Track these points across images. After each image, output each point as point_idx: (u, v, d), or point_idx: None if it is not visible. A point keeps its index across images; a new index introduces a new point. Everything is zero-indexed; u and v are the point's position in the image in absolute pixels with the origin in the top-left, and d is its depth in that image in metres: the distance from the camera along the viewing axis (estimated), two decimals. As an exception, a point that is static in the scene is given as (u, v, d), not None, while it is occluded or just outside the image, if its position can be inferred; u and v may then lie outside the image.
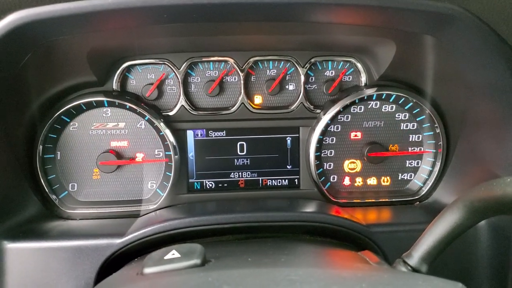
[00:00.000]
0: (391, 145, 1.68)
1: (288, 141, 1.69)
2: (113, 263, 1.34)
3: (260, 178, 1.70)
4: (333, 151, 1.69)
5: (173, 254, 0.99)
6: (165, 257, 0.98)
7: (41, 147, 1.55)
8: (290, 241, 1.36)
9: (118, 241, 1.33)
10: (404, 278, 0.95)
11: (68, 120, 1.59)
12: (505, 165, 1.35)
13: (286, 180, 1.71)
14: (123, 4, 1.02)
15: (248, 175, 1.70)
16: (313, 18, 1.19)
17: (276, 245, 1.29)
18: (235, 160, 1.68)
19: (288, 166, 1.70)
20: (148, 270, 0.96)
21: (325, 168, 1.69)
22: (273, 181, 1.71)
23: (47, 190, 1.57)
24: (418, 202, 1.68)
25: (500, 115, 1.34)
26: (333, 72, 1.67)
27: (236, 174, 1.69)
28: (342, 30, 1.40)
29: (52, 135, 1.57)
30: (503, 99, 1.31)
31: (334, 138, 1.68)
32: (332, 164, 1.70)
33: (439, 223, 1.01)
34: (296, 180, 1.71)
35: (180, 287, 0.88)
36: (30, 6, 0.98)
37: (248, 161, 1.69)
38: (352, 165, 1.69)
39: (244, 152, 1.68)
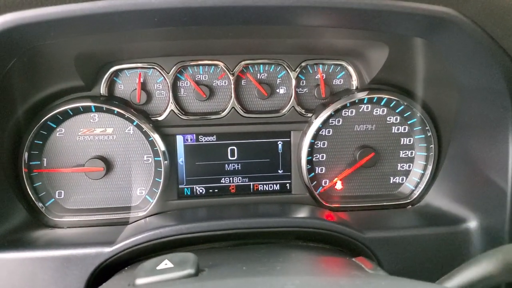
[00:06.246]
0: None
1: (280, 146, 1.67)
2: (102, 272, 1.31)
3: (252, 183, 1.68)
4: (324, 155, 1.67)
5: (166, 264, 0.96)
6: (158, 267, 0.95)
7: (26, 153, 1.51)
8: (284, 248, 1.35)
9: (108, 249, 1.30)
10: (402, 285, 0.94)
11: (55, 126, 1.55)
12: (497, 167, 1.35)
13: (278, 185, 1.69)
14: (113, 8, 0.99)
15: (239, 180, 1.67)
16: (304, 22, 1.17)
17: (270, 253, 1.26)
18: (226, 165, 1.66)
19: (279, 171, 1.68)
20: (140, 281, 0.93)
21: (317, 172, 1.68)
22: (265, 186, 1.69)
23: (33, 198, 1.53)
24: (410, 206, 1.68)
25: (493, 117, 1.34)
26: (324, 75, 1.65)
27: (227, 179, 1.67)
28: (335, 34, 1.38)
29: (38, 142, 1.53)
30: (495, 102, 1.30)
31: (326, 142, 1.67)
32: (324, 168, 1.68)
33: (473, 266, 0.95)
34: (287, 184, 1.70)
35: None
36: (16, 10, 0.95)
37: (239, 166, 1.66)
38: (343, 168, 1.68)
39: (235, 157, 1.66)
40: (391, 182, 1.70)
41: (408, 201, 1.67)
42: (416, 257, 1.43)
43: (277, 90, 1.65)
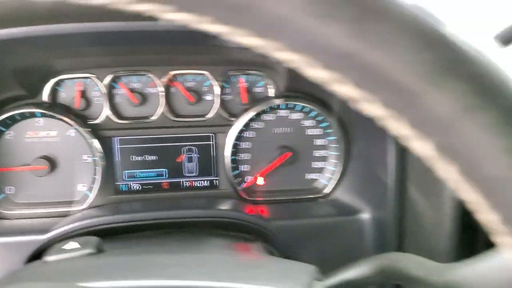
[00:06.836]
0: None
1: (207, 146, 1.87)
2: (39, 258, 1.51)
3: (182, 180, 1.88)
4: (249, 154, 1.88)
5: (72, 245, 1.17)
6: (64, 247, 1.16)
7: (-22, 154, 1.71)
8: (197, 234, 1.55)
9: (42, 237, 1.50)
10: (264, 261, 1.15)
11: (4, 130, 1.74)
12: (382, 165, 1.56)
13: (207, 182, 1.90)
14: (33, 33, 1.19)
15: (172, 178, 1.88)
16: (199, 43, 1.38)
17: (181, 239, 1.47)
18: (159, 163, 1.86)
19: (208, 169, 1.88)
20: (49, 258, 1.15)
21: (241, 170, 1.88)
22: (194, 182, 1.89)
23: (-16, 193, 1.73)
24: (322, 199, 1.88)
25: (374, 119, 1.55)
26: (247, 84, 1.86)
27: (160, 176, 1.87)
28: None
29: (-11, 143, 1.73)
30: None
31: (250, 143, 1.87)
32: (247, 166, 1.88)
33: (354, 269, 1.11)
34: (215, 181, 1.90)
35: (72, 269, 1.07)
36: None
37: (171, 165, 1.86)
38: (265, 167, 1.88)
39: (167, 157, 1.86)
40: (307, 178, 1.91)
41: (321, 195, 1.88)
42: (317, 244, 1.64)
43: (204, 97, 1.85)
